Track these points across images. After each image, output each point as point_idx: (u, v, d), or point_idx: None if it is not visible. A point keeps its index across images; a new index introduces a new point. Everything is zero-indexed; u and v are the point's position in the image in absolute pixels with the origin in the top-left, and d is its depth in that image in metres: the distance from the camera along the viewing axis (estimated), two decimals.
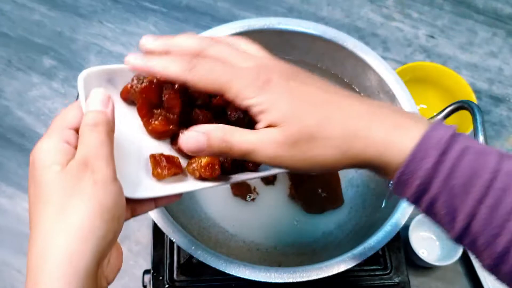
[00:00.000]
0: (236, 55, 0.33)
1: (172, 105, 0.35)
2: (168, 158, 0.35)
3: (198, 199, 0.54)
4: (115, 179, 0.31)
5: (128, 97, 0.36)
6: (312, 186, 0.52)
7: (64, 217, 0.29)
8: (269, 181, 0.54)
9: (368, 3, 0.91)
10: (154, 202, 0.35)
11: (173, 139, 0.37)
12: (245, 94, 0.31)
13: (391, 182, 0.31)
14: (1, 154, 0.76)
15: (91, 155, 0.30)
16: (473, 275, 0.68)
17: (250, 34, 0.56)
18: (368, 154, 0.31)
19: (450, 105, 0.51)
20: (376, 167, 0.32)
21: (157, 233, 0.58)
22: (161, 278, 0.56)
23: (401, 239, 0.59)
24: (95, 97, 0.33)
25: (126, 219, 0.33)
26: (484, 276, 0.65)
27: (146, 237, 0.70)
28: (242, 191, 0.53)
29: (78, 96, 0.46)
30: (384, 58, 0.66)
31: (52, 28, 0.88)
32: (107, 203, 0.30)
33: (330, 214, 0.54)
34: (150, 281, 0.56)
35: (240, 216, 0.53)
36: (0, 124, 0.79)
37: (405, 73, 0.73)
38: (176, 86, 0.35)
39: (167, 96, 0.35)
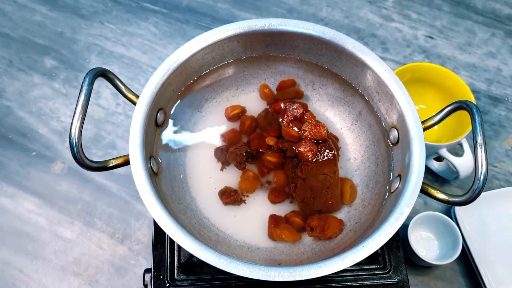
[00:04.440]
0: None
1: None
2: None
3: (197, 201, 0.54)
4: None
5: None
6: (311, 188, 0.52)
7: None
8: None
9: (367, 4, 0.92)
10: None
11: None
12: None
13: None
14: (3, 154, 0.77)
15: None
16: (472, 274, 0.68)
17: (251, 35, 0.56)
18: None
19: (448, 105, 0.51)
20: None
21: (158, 232, 0.59)
22: (161, 277, 0.56)
23: (400, 238, 0.60)
24: None
25: None
26: (483, 275, 0.65)
27: (146, 237, 0.71)
28: (230, 199, 0.54)
29: (79, 96, 0.46)
30: (383, 58, 0.67)
31: (53, 29, 0.88)
32: None
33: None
34: (150, 280, 0.56)
35: (239, 216, 0.54)
36: (2, 124, 0.79)
37: (404, 73, 0.73)
38: None
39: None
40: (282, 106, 0.56)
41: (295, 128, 0.54)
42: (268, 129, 0.56)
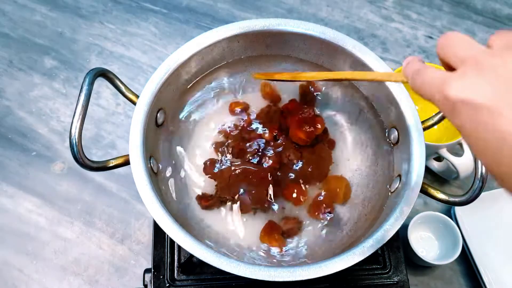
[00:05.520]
0: None
1: None
2: None
3: (195, 202, 0.54)
4: None
5: None
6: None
7: None
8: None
9: (368, 4, 0.92)
10: None
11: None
12: None
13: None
14: (3, 154, 0.77)
15: None
16: (472, 274, 0.68)
17: (251, 35, 0.56)
18: None
19: None
20: None
21: (158, 232, 0.59)
22: (161, 277, 0.56)
23: (400, 238, 0.60)
24: None
25: None
26: (483, 275, 0.65)
27: (146, 237, 0.71)
28: (209, 202, 0.54)
29: (79, 96, 0.46)
30: (383, 59, 0.67)
31: (53, 29, 0.88)
32: None
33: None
34: (150, 280, 0.56)
35: (238, 216, 0.54)
36: (2, 124, 0.79)
37: None
38: None
39: None
40: (297, 111, 0.56)
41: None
42: (268, 125, 0.56)
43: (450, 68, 0.31)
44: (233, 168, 0.53)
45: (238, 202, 0.53)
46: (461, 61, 0.30)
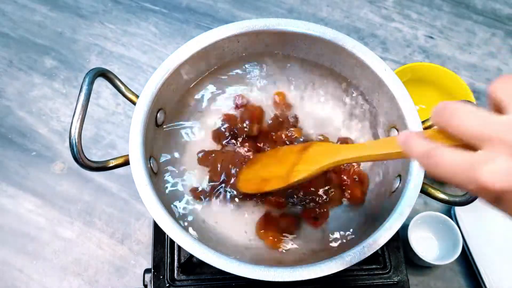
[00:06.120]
0: None
1: None
2: None
3: (194, 200, 0.54)
4: None
5: None
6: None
7: None
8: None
9: (368, 4, 0.92)
10: None
11: None
12: None
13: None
14: (3, 154, 0.77)
15: None
16: (472, 274, 0.68)
17: (251, 35, 0.56)
18: None
19: None
20: None
21: (158, 232, 0.59)
22: (161, 277, 0.56)
23: (400, 238, 0.60)
24: None
25: None
26: (483, 275, 0.65)
27: (146, 237, 0.71)
28: (201, 193, 0.54)
29: (79, 96, 0.46)
30: (383, 58, 0.67)
31: (53, 29, 0.88)
32: None
33: (330, 214, 0.54)
34: (150, 280, 0.56)
35: (238, 216, 0.54)
36: (2, 124, 0.79)
37: (404, 73, 0.73)
38: None
39: None
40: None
41: None
42: (272, 129, 0.57)
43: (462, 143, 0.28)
44: (222, 153, 0.55)
45: (225, 186, 0.54)
46: (480, 140, 0.27)
